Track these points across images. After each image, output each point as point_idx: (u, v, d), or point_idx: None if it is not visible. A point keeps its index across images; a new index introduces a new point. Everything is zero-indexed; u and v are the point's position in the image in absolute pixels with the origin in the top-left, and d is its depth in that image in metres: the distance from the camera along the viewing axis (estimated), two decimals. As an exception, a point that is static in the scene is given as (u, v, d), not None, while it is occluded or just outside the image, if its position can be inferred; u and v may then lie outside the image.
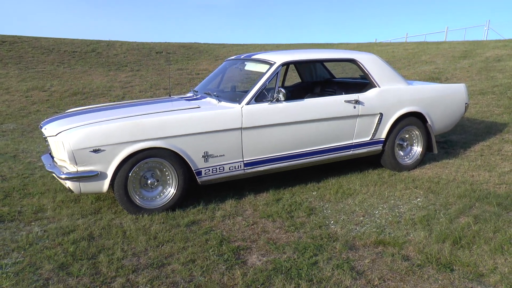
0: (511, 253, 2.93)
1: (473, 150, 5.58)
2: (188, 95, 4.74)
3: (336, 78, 5.85)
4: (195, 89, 4.86)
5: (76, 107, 9.02)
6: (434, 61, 13.00)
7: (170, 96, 4.96)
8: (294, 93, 5.66)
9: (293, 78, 6.86)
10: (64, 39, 17.45)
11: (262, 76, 4.06)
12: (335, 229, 3.44)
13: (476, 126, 6.68)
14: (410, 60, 13.47)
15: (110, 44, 17.06)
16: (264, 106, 3.94)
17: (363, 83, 5.19)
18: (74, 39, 17.64)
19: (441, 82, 10.36)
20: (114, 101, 9.94)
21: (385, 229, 3.42)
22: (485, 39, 20.81)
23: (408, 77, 11.14)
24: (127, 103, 4.40)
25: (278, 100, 4.00)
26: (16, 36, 16.93)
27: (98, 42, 17.36)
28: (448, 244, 3.10)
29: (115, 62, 14.39)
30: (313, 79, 5.82)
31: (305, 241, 3.19)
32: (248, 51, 17.04)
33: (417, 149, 4.93)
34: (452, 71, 11.19)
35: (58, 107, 9.41)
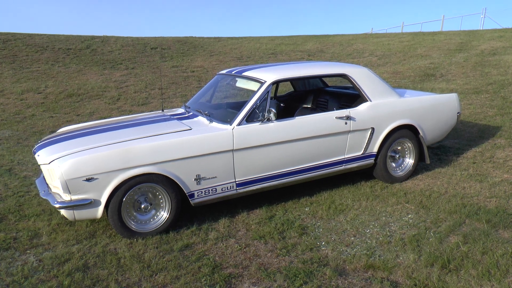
0: (498, 279, 2.99)
1: (466, 157, 5.62)
2: (180, 111, 4.75)
3: (328, 87, 5.86)
4: (187, 104, 4.88)
5: (69, 123, 8.98)
6: (429, 54, 12.98)
7: (163, 110, 4.97)
8: (287, 103, 5.69)
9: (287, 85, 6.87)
10: (58, 35, 17.35)
11: (253, 96, 4.07)
12: (326, 251, 3.49)
13: (470, 129, 6.71)
14: (405, 54, 13.44)
15: (104, 40, 16.98)
16: (255, 126, 3.96)
17: (355, 93, 5.21)
18: (68, 35, 17.55)
19: (436, 78, 10.37)
20: (109, 103, 9.93)
21: (375, 251, 3.47)
22: (481, 28, 20.75)
23: (403, 73, 11.15)
24: (118, 122, 4.40)
25: (269, 120, 4.02)
26: (9, 33, 16.82)
27: (93, 38, 17.27)
28: (436, 268, 3.16)
29: (110, 60, 14.34)
30: (305, 88, 5.83)
31: (296, 266, 3.25)
32: (242, 45, 16.98)
33: (409, 161, 4.97)
34: (447, 67, 11.19)
35: (53, 111, 9.41)
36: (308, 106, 5.47)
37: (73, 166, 3.36)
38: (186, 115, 4.48)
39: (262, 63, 13.89)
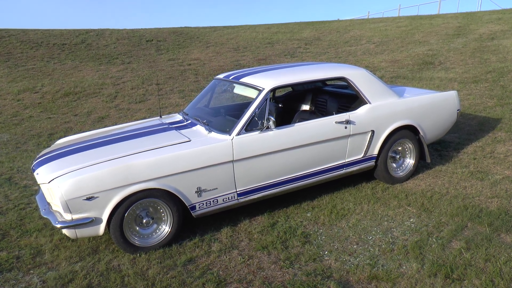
0: (501, 289, 3.00)
1: (466, 152, 5.61)
2: (178, 118, 4.71)
3: (327, 87, 5.82)
4: (185, 110, 4.84)
5: (66, 132, 8.89)
6: (427, 40, 12.87)
7: (160, 116, 4.93)
8: (285, 104, 5.65)
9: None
10: (52, 30, 17.19)
11: (251, 104, 4.03)
12: (329, 261, 3.49)
13: (469, 122, 6.69)
14: (403, 40, 13.33)
15: (99, 34, 16.82)
16: (254, 136, 3.93)
17: (354, 93, 5.16)
18: (62, 30, 17.38)
19: (434, 67, 10.29)
20: (106, 101, 9.87)
21: (378, 260, 3.47)
22: (479, 9, 20.55)
23: (401, 62, 11.07)
24: (116, 133, 4.35)
25: (268, 128, 3.99)
26: (3, 30, 16.67)
27: (88, 31, 17.11)
28: (440, 278, 3.16)
29: (105, 54, 14.22)
30: (304, 87, 5.78)
31: (300, 280, 3.25)
32: (239, 34, 16.83)
33: (410, 161, 4.95)
34: (446, 53, 11.10)
35: (51, 111, 9.35)
36: (307, 108, 5.43)
37: (73, 186, 3.34)
38: (184, 123, 4.44)
39: (259, 54, 13.78)
